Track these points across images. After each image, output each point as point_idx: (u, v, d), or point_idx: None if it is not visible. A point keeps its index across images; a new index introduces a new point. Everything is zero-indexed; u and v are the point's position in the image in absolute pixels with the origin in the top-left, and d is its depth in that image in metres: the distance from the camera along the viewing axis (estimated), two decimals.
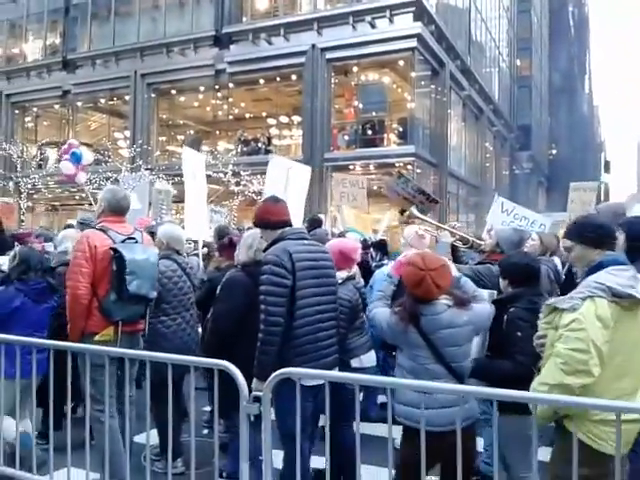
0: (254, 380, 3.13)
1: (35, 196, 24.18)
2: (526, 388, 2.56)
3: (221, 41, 22.39)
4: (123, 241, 3.85)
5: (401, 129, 20.89)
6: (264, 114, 24.13)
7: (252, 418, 2.95)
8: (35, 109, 27.75)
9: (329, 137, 21.00)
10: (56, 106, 27.01)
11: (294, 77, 21.79)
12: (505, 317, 3.33)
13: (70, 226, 7.50)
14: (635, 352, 2.53)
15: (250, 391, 2.94)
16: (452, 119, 23.85)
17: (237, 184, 19.73)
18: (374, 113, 21.28)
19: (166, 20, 23.59)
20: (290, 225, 3.57)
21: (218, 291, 3.87)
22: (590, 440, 2.47)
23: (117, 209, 4.00)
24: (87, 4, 25.28)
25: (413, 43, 19.36)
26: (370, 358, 4.04)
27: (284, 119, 23.74)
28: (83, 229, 4.82)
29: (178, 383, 3.81)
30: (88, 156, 10.64)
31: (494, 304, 3.41)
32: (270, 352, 3.22)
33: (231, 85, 22.67)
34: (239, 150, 22.23)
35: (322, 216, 7.10)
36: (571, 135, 53.19)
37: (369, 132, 20.91)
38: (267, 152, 22.81)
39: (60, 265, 4.62)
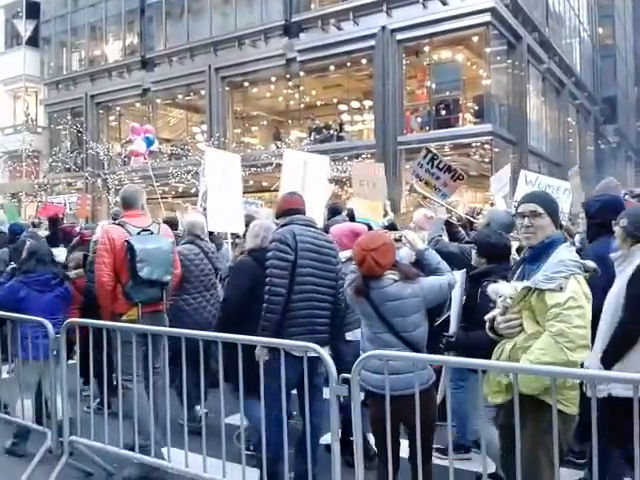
0: (257, 347, 3.53)
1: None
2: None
3: (291, 30, 22.52)
4: (139, 233, 4.34)
5: (477, 107, 20.29)
6: (335, 100, 24.09)
7: (342, 399, 3.02)
8: (118, 108, 28.93)
9: (402, 120, 20.70)
10: (137, 104, 28.09)
11: (364, 61, 21.59)
12: (479, 291, 3.61)
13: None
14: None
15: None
16: (531, 94, 22.88)
17: None
18: (448, 93, 20.75)
19: (237, 13, 23.95)
20: (302, 213, 4.01)
21: (230, 275, 4.38)
22: (564, 406, 2.61)
23: (131, 204, 4.55)
24: (161, 3, 26.04)
25: (487, 17, 18.69)
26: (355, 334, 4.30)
27: (355, 104, 23.62)
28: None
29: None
30: (157, 144, 11.49)
31: (470, 279, 3.80)
32: (272, 319, 3.63)
33: (302, 73, 22.78)
34: (312, 138, 22.36)
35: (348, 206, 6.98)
36: None
37: (443, 112, 20.41)
38: (339, 139, 22.83)
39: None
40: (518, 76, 21.19)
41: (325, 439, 3.80)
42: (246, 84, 24.97)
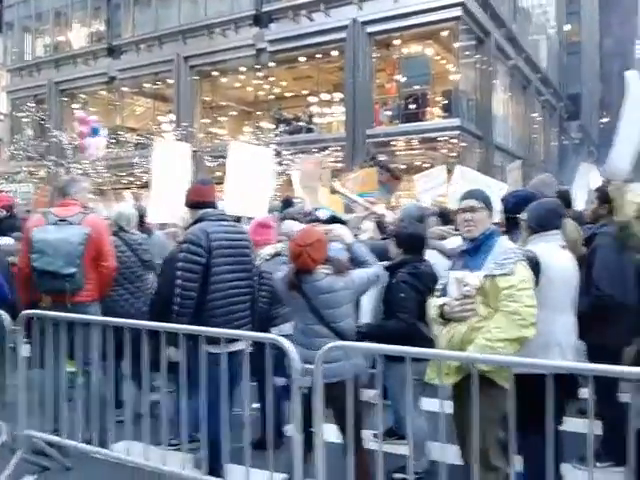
0: (172, 347, 3.49)
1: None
2: (410, 343, 2.87)
3: (261, 20, 22.35)
4: (55, 223, 4.28)
5: (445, 102, 20.47)
6: (305, 92, 24.04)
7: (305, 390, 3.03)
8: (83, 96, 28.35)
9: (371, 113, 20.77)
10: (103, 92, 27.57)
11: (335, 53, 21.58)
12: (393, 281, 3.88)
13: None
14: None
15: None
16: (498, 90, 23.21)
17: (279, 164, 19.79)
18: (417, 86, 20.87)
19: (206, 2, 23.68)
20: (214, 207, 3.96)
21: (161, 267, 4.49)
22: (504, 382, 2.78)
23: (64, 193, 4.51)
24: None
25: (457, 12, 18.87)
26: (287, 327, 4.29)
27: (325, 96, 23.59)
28: None
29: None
30: (103, 133, 11.17)
31: (387, 270, 3.95)
32: (182, 322, 3.58)
33: (272, 64, 22.63)
34: (280, 129, 22.26)
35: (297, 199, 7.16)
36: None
37: (412, 106, 20.55)
38: (309, 130, 22.79)
39: None
40: (486, 71, 21.45)
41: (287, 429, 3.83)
42: (215, 74, 24.71)
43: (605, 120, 48.73)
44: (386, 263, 4.07)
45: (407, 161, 22.28)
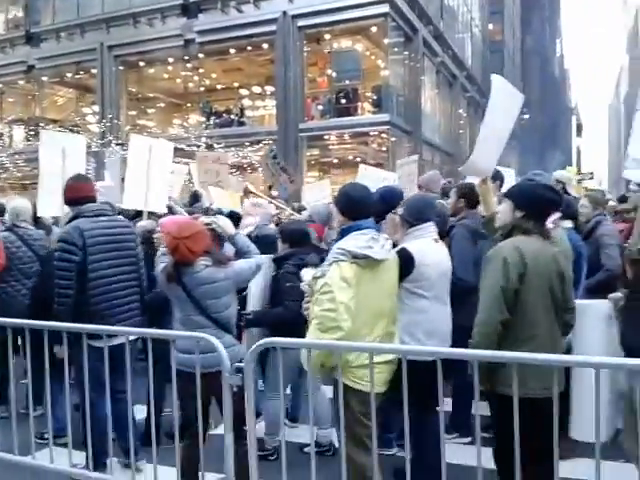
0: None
1: (3, 175, 23.60)
2: (296, 330, 3.13)
3: (189, 10, 21.84)
4: None
5: (375, 97, 20.76)
6: (236, 85, 23.76)
7: (235, 388, 2.99)
8: (0, 85, 26.92)
9: (303, 107, 20.77)
10: (21, 82, 26.21)
11: (265, 46, 21.39)
12: (280, 272, 4.14)
13: None
14: (380, 302, 3.05)
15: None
16: (426, 86, 23.75)
17: None
18: (348, 81, 21.07)
19: None
20: (93, 201, 3.97)
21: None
22: (354, 383, 2.93)
23: None
24: None
25: (385, 8, 19.14)
26: None
27: (257, 89, 23.42)
28: None
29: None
30: None
31: (274, 262, 4.23)
32: (61, 320, 3.56)
33: (201, 55, 22.18)
34: (211, 122, 21.90)
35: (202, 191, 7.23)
36: (543, 99, 53.44)
37: (343, 101, 20.71)
38: (240, 124, 22.54)
39: None
40: (414, 68, 21.91)
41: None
42: (142, 64, 23.96)
43: (526, 117, 50.93)
44: (273, 255, 4.35)
45: (340, 155, 22.48)
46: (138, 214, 5.34)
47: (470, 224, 4.44)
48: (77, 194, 3.91)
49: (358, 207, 3.13)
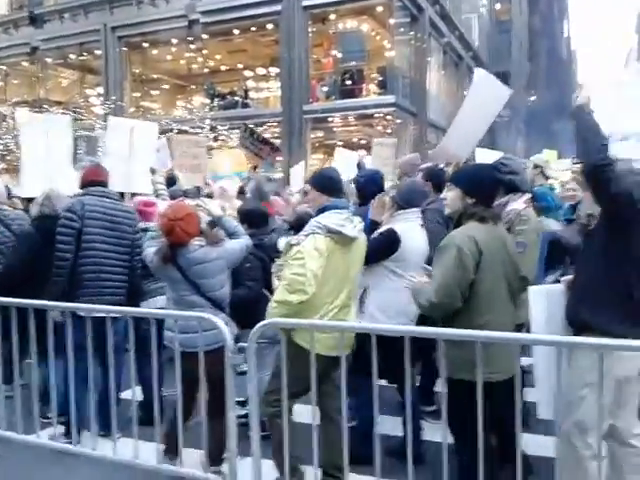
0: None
1: (8, 158, 23.58)
2: (257, 308, 3.39)
3: None
4: None
5: (380, 78, 20.56)
6: (240, 66, 23.54)
7: (238, 369, 3.05)
8: (3, 67, 26.72)
9: (308, 88, 20.59)
10: (25, 63, 26.06)
11: (270, 26, 21.15)
12: None
13: None
14: (345, 276, 3.29)
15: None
16: (432, 67, 23.51)
17: (215, 139, 19.41)
18: (353, 62, 20.83)
19: None
20: (105, 185, 4.36)
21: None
22: (301, 340, 3.13)
23: None
24: None
25: None
26: (157, 301, 4.45)
27: (261, 71, 23.21)
28: None
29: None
30: None
31: None
32: (59, 282, 3.97)
33: (205, 36, 21.97)
34: (215, 104, 21.76)
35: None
36: (550, 80, 52.87)
37: (348, 82, 20.53)
38: (245, 105, 22.40)
39: None
40: (420, 48, 21.67)
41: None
42: (145, 45, 23.75)
43: (533, 98, 50.44)
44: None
45: (344, 137, 22.33)
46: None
47: (439, 207, 4.49)
48: (95, 177, 4.29)
49: (333, 183, 3.44)
